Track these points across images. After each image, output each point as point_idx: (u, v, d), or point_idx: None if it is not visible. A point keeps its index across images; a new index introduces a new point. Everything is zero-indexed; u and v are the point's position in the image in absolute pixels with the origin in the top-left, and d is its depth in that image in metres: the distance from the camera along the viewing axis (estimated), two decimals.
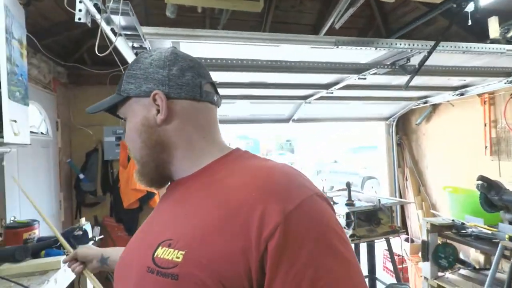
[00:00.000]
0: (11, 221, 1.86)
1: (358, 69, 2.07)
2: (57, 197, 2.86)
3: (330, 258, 0.42)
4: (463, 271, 2.85)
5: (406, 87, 1.88)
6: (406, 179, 4.09)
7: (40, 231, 1.86)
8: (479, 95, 3.19)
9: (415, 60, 1.79)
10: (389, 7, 3.19)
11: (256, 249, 0.43)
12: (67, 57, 3.03)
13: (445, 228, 2.80)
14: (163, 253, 0.48)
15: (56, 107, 2.90)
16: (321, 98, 3.12)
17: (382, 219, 2.93)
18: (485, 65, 2.33)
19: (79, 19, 0.94)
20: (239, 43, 1.48)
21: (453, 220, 2.82)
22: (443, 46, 1.60)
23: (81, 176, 3.06)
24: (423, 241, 2.95)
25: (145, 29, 1.26)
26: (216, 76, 2.37)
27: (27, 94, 1.80)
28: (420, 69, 1.67)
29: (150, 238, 0.54)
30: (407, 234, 3.90)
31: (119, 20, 1.03)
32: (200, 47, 1.63)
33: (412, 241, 3.81)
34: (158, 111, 0.57)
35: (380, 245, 3.36)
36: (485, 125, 3.15)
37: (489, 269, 2.34)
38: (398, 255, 3.54)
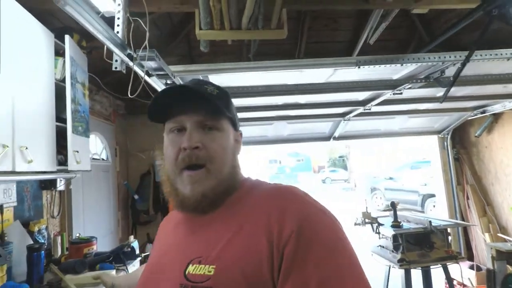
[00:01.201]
0: (76, 237, 2.16)
1: (391, 85, 2.00)
2: (115, 216, 3.21)
3: (335, 259, 0.49)
4: None
5: (442, 101, 1.76)
6: (468, 198, 3.65)
7: (98, 247, 2.12)
8: None
9: (452, 71, 1.68)
10: (431, 15, 3.02)
11: (276, 250, 0.50)
12: (124, 91, 3.46)
13: None
14: (194, 269, 0.52)
15: (114, 135, 3.30)
16: (361, 114, 3.03)
17: (435, 242, 2.66)
18: None
19: (116, 68, 1.12)
20: (262, 71, 1.57)
21: None
22: (481, 55, 1.48)
23: (136, 196, 3.39)
24: (488, 270, 2.60)
25: (173, 68, 1.43)
26: (250, 101, 2.50)
27: (88, 128, 2.12)
28: (455, 82, 1.55)
29: (179, 258, 0.57)
30: (472, 260, 3.43)
31: (148, 64, 1.20)
32: (228, 76, 1.76)
33: (479, 268, 3.33)
34: (236, 141, 0.67)
35: (440, 272, 3.01)
36: None
37: None
38: (463, 285, 3.13)
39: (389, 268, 2.84)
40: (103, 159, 3.08)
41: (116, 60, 1.13)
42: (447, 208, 3.77)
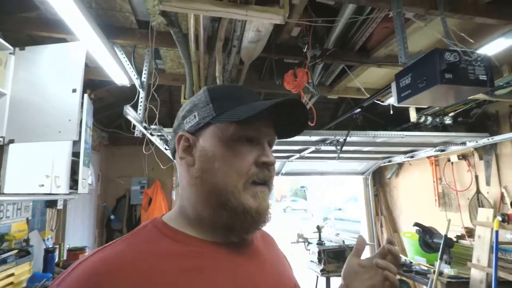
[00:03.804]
0: (68, 246, 2.74)
1: (312, 143, 2.99)
2: (93, 233, 3.74)
3: None
4: None
5: (338, 158, 2.75)
6: (382, 226, 4.71)
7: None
8: (428, 157, 3.96)
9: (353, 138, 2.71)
10: None
11: None
12: (109, 124, 4.13)
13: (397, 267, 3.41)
14: None
15: (99, 163, 3.92)
16: (300, 158, 4.01)
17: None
18: (416, 140, 3.19)
19: (137, 135, 1.90)
20: None
21: (405, 260, 3.44)
22: (355, 135, 2.49)
23: (112, 217, 3.96)
24: None
25: (167, 130, 2.23)
26: None
27: (90, 159, 2.80)
28: (342, 147, 2.55)
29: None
30: None
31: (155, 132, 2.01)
32: None
33: None
34: None
35: None
36: (434, 182, 3.88)
37: None
38: None
39: (317, 277, 3.68)
40: (89, 184, 3.67)
41: (137, 130, 1.91)
42: (367, 232, 4.79)
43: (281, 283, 0.55)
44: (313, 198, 20.30)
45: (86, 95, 2.57)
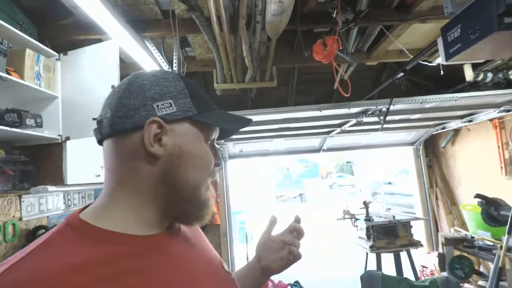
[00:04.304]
0: None
1: (352, 115, 2.84)
2: None
3: None
4: (481, 282, 3.14)
5: (381, 129, 2.57)
6: (437, 199, 4.39)
7: None
8: (491, 120, 3.52)
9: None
10: None
11: None
12: None
13: (458, 242, 3.17)
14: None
15: None
16: (341, 132, 3.85)
17: (399, 233, 3.42)
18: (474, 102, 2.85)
19: None
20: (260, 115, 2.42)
21: (465, 235, 3.19)
22: (398, 102, 2.30)
23: None
24: (439, 254, 3.34)
25: None
26: (254, 128, 3.37)
27: None
28: (386, 117, 2.37)
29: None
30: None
31: None
32: None
33: None
34: None
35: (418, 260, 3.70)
36: (499, 148, 3.46)
37: (504, 280, 2.66)
38: (424, 267, 3.87)
39: (367, 253, 3.60)
40: None
41: None
42: (421, 207, 4.51)
43: (211, 261, 0.58)
44: (360, 173, 19.64)
45: None
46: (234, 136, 3.87)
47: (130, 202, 0.47)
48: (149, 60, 2.14)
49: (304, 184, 16.07)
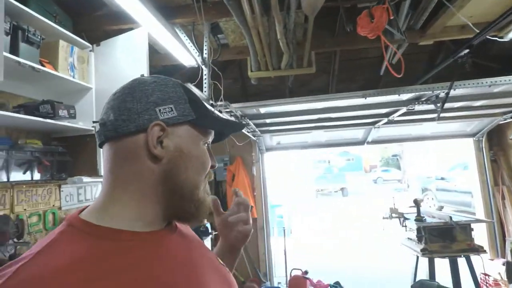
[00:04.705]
0: None
1: (403, 103, 2.52)
2: None
3: None
4: None
5: (438, 119, 2.23)
6: (504, 198, 3.82)
7: None
8: None
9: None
10: None
11: None
12: None
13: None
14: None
15: None
16: (388, 122, 3.50)
17: (457, 236, 3.03)
18: None
19: None
20: (298, 104, 2.26)
21: None
22: (460, 85, 1.95)
23: None
24: (507, 262, 2.90)
25: (234, 105, 2.18)
26: (291, 118, 3.19)
27: None
28: (444, 103, 2.03)
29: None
30: (505, 257, 3.62)
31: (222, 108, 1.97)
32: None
33: None
34: None
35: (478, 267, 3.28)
36: None
37: None
38: (487, 275, 3.39)
39: (417, 257, 3.26)
40: None
41: None
42: (482, 207, 3.97)
43: (209, 254, 0.60)
44: (407, 167, 18.34)
45: None
46: (271, 128, 3.73)
47: (131, 201, 0.49)
48: (179, 47, 2.08)
49: (346, 178, 15.43)
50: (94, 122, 0.54)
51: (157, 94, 0.51)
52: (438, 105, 2.14)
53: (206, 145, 0.56)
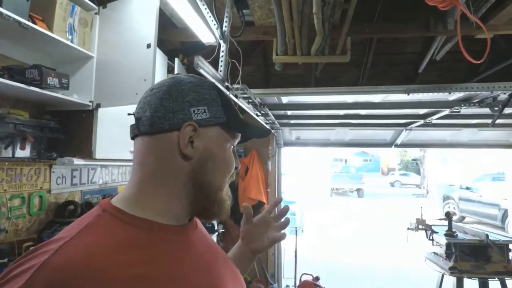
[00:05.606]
0: None
1: (448, 103, 2.17)
2: None
3: None
4: None
5: (492, 125, 1.87)
6: None
7: None
8: None
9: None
10: None
11: None
12: None
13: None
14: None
15: None
16: (423, 125, 3.13)
17: (492, 256, 2.69)
18: None
19: None
20: (324, 95, 1.96)
21: None
22: None
23: None
24: None
25: (254, 91, 1.91)
26: (314, 112, 2.89)
27: None
28: (503, 110, 1.68)
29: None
30: None
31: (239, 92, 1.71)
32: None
33: None
34: None
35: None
36: None
37: None
38: None
39: (442, 275, 2.94)
40: None
41: None
42: None
43: (221, 252, 0.63)
44: (428, 172, 17.60)
45: (177, 60, 2.49)
46: (292, 121, 3.44)
47: (161, 195, 0.52)
48: (199, 22, 1.83)
49: (363, 179, 14.96)
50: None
51: (192, 95, 0.53)
52: (496, 108, 1.79)
53: (232, 147, 0.59)
